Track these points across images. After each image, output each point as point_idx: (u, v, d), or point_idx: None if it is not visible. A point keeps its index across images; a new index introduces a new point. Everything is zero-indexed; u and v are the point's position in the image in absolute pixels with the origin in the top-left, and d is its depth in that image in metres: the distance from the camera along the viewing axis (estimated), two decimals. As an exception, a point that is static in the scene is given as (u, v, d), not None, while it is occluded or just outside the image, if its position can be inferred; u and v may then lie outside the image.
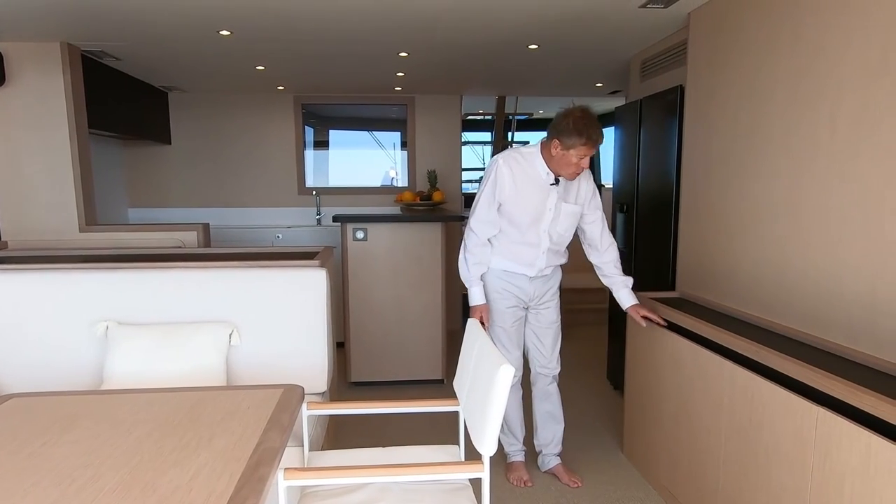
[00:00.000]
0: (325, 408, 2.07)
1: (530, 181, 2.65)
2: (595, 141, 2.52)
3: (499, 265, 2.79)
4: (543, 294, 2.87)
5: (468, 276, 2.77)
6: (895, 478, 1.47)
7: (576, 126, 2.49)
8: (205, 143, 5.78)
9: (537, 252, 2.74)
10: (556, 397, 2.99)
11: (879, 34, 1.88)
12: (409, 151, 5.99)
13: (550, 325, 2.91)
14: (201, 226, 4.06)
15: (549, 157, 2.61)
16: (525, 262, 2.76)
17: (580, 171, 2.59)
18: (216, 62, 4.35)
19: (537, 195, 2.67)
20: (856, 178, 1.97)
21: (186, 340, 2.38)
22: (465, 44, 3.85)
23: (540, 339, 2.92)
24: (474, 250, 2.74)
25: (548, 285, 2.87)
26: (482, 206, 2.69)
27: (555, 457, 2.99)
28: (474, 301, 2.78)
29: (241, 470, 1.32)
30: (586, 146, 2.51)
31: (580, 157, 2.54)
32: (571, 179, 2.66)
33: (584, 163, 2.57)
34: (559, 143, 2.54)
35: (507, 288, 2.81)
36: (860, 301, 1.97)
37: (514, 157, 2.67)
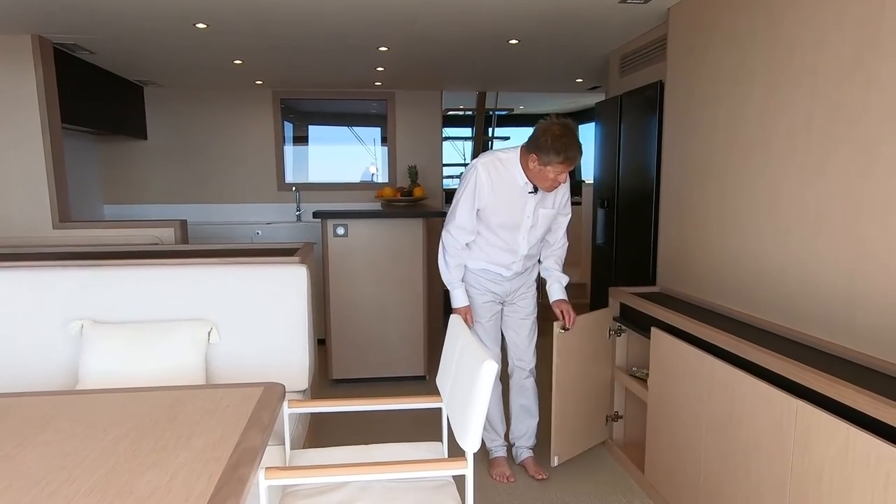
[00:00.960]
0: (306, 406, 2.04)
1: (509, 188, 2.63)
2: (573, 159, 2.50)
3: (475, 265, 2.80)
4: (519, 288, 2.87)
5: (450, 279, 2.77)
6: (873, 469, 1.49)
7: (554, 144, 2.45)
8: (182, 139, 5.70)
9: (514, 257, 2.75)
10: (531, 392, 2.99)
11: (854, 31, 1.89)
12: (389, 147, 5.96)
13: (526, 318, 2.91)
14: (178, 222, 4.00)
15: (526, 168, 2.58)
16: (502, 264, 2.77)
17: (557, 185, 2.58)
18: (193, 56, 4.29)
19: (515, 202, 2.65)
20: (832, 173, 1.99)
21: (164, 339, 2.35)
22: (444, 38, 3.83)
23: (516, 332, 2.92)
24: (456, 254, 2.74)
25: (523, 280, 2.87)
26: (461, 212, 2.68)
27: (527, 449, 3.01)
28: (457, 303, 2.77)
29: (220, 470, 1.30)
30: (563, 164, 2.50)
31: (557, 173, 2.52)
32: (548, 192, 2.65)
33: (561, 178, 2.56)
34: (537, 157, 2.51)
35: (483, 284, 2.81)
36: (838, 295, 1.99)
37: (494, 162, 2.64)
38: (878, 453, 1.48)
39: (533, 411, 3.00)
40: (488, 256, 2.76)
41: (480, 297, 2.83)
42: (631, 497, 2.77)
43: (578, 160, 2.52)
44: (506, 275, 2.79)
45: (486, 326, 2.85)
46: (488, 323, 2.86)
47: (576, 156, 2.49)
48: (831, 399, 1.64)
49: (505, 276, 2.79)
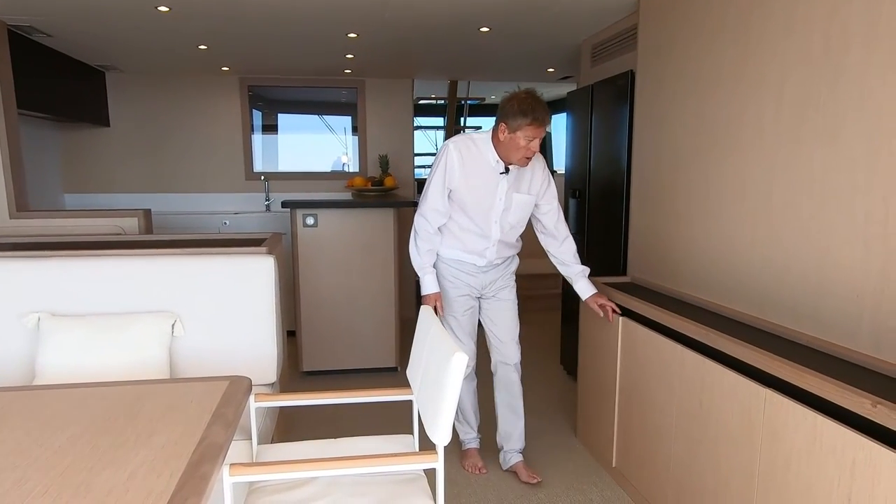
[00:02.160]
0: (273, 399, 2.00)
1: (479, 168, 2.58)
2: (541, 120, 2.43)
3: (448, 254, 2.73)
4: (495, 282, 2.80)
5: (420, 264, 2.70)
6: (839, 456, 1.51)
7: (521, 107, 2.42)
8: (146, 126, 5.55)
9: (487, 243, 2.68)
10: (516, 387, 2.87)
11: (821, 23, 1.90)
12: (359, 136, 5.89)
13: (506, 310, 2.83)
14: (142, 212, 3.90)
15: (497, 143, 2.54)
16: (474, 251, 2.70)
17: (530, 154, 2.50)
18: (155, 40, 4.17)
19: (487, 182, 2.59)
20: (799, 163, 2.00)
21: (125, 332, 2.28)
22: (414, 25, 3.78)
23: (497, 325, 2.84)
24: (425, 237, 2.68)
25: (500, 273, 2.80)
26: (433, 192, 2.62)
27: (516, 453, 2.88)
28: (427, 289, 2.70)
29: (182, 467, 1.26)
30: (532, 126, 2.43)
31: (528, 138, 2.45)
32: (523, 165, 2.56)
33: (533, 145, 2.48)
34: (505, 126, 2.47)
35: (457, 276, 2.75)
36: (804, 284, 2.01)
37: (466, 142, 2.60)
38: (844, 440, 1.49)
39: (518, 411, 2.88)
40: (461, 243, 2.69)
41: (455, 290, 2.76)
42: (601, 485, 2.78)
43: (547, 123, 2.45)
44: (480, 264, 2.71)
45: (460, 321, 2.79)
46: (463, 317, 2.78)
47: (543, 116, 2.43)
48: (799, 388, 1.66)
49: (479, 265, 2.72)
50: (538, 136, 2.47)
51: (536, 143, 2.49)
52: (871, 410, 1.42)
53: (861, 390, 1.49)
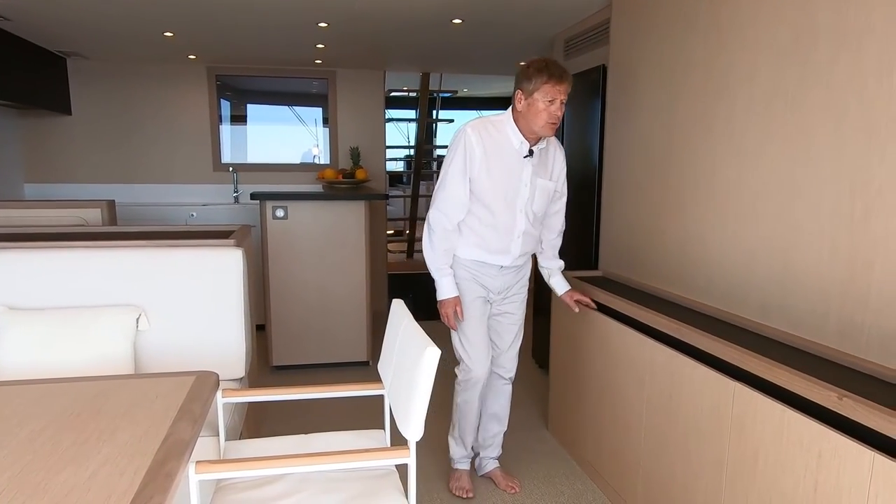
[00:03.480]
0: (241, 395, 1.96)
1: (503, 153, 2.35)
2: (559, 76, 2.23)
3: (468, 254, 2.46)
4: (511, 286, 2.57)
5: (437, 265, 2.43)
6: (805, 448, 1.53)
7: (535, 66, 2.25)
8: (110, 115, 5.41)
9: (511, 237, 2.43)
10: (505, 398, 2.71)
11: (791, 17, 1.92)
12: (330, 128, 5.82)
13: (513, 321, 2.62)
14: (106, 203, 3.80)
15: (518, 117, 2.33)
16: (497, 249, 2.44)
17: (554, 119, 2.26)
18: (119, 26, 4.05)
19: (511, 169, 2.36)
20: (769, 158, 2.02)
21: (88, 326, 2.21)
22: (386, 15, 3.73)
23: (499, 335, 2.62)
24: (445, 236, 2.41)
25: (517, 278, 2.58)
26: (452, 182, 2.36)
27: (493, 460, 2.77)
28: (445, 294, 2.44)
29: (146, 465, 1.22)
30: (549, 83, 2.23)
31: (548, 99, 2.24)
32: (549, 133, 2.32)
33: (554, 108, 2.26)
34: (521, 92, 2.28)
35: (475, 278, 2.49)
36: (773, 279, 2.03)
37: (484, 125, 2.36)
38: (810, 433, 1.51)
39: (503, 419, 2.74)
40: (483, 241, 2.43)
41: (470, 293, 2.50)
42: (573, 478, 2.80)
43: (566, 81, 2.26)
44: (504, 263, 2.47)
45: (475, 325, 2.51)
46: (478, 321, 2.52)
47: (561, 72, 2.24)
48: (767, 381, 1.68)
49: (503, 265, 2.48)
50: (558, 97, 2.25)
51: (559, 106, 2.27)
52: (838, 403, 1.45)
53: (827, 383, 1.51)
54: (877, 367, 1.63)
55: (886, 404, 1.38)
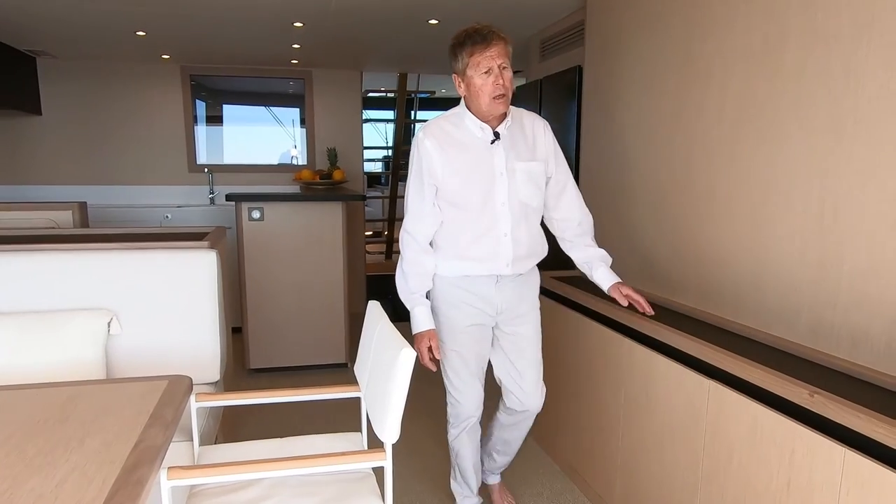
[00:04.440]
0: (215, 399, 1.94)
1: (464, 147, 2.07)
2: (484, 40, 1.95)
3: (452, 270, 2.13)
4: (518, 303, 2.19)
5: (409, 295, 2.14)
6: (778, 445, 1.55)
7: (457, 40, 2.01)
8: (81, 115, 5.32)
9: (496, 237, 2.08)
10: (524, 428, 2.36)
11: (761, 21, 1.94)
12: (307, 128, 5.79)
13: (527, 343, 2.22)
14: (77, 204, 3.73)
15: (469, 103, 2.07)
16: (483, 256, 2.10)
17: (498, 90, 1.97)
18: (89, 25, 3.98)
19: (478, 160, 2.07)
20: (741, 159, 2.05)
21: (58, 330, 2.17)
22: (362, 15, 3.72)
23: (515, 366, 2.23)
24: (415, 259, 2.12)
25: (520, 290, 2.19)
26: (413, 198, 2.12)
27: (494, 475, 2.56)
28: (418, 327, 2.11)
29: (116, 472, 1.20)
30: (476, 52, 1.95)
31: (482, 71, 1.96)
32: (501, 109, 2.01)
33: (493, 78, 1.96)
34: (456, 76, 2.05)
35: (465, 300, 2.14)
36: (747, 277, 2.06)
37: (439, 123, 2.11)
38: (783, 430, 1.53)
39: (517, 448, 2.45)
40: (464, 250, 2.10)
41: (464, 319, 2.15)
42: (552, 479, 2.81)
43: (495, 42, 1.96)
44: (498, 273, 2.12)
45: (466, 358, 2.17)
46: (470, 353, 2.17)
47: (485, 36, 1.95)
48: (741, 379, 1.70)
49: (497, 274, 2.12)
50: (492, 63, 1.96)
51: (498, 73, 1.97)
52: (809, 400, 1.46)
53: (799, 380, 1.53)
54: (847, 364, 1.66)
55: (857, 401, 1.40)
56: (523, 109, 2.20)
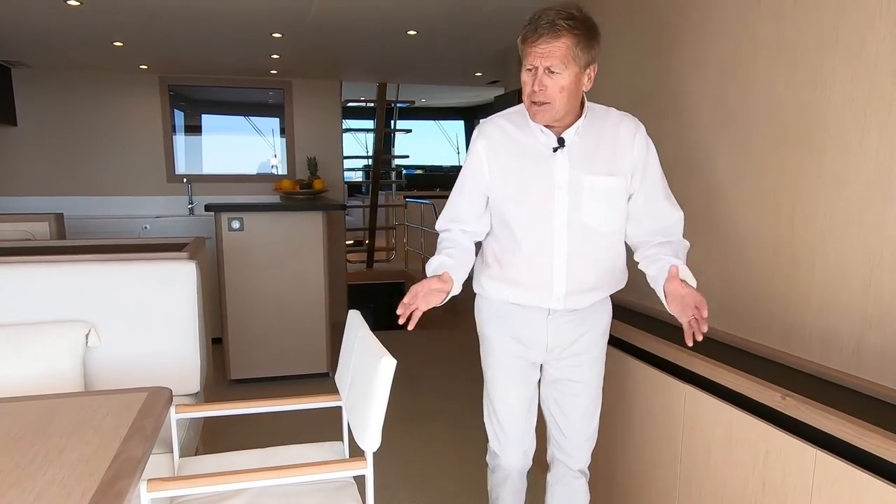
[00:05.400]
0: (195, 410, 1.93)
1: (522, 152, 1.74)
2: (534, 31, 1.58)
3: (498, 293, 1.81)
4: (573, 342, 1.80)
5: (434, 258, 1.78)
6: (752, 447, 1.58)
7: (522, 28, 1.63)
8: (58, 125, 5.27)
9: (549, 264, 1.72)
10: (580, 499, 1.97)
11: (733, 33, 1.99)
12: (287, 138, 5.78)
13: (578, 391, 1.84)
14: (54, 216, 3.70)
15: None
16: (532, 283, 1.75)
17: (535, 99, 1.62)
18: (66, 36, 3.96)
19: (537, 169, 1.72)
20: (716, 166, 2.09)
21: (34, 343, 2.14)
22: (340, 26, 3.74)
23: (561, 410, 1.87)
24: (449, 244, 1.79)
25: (580, 326, 1.80)
26: (450, 199, 1.84)
27: None
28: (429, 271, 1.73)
29: (95, 485, 1.19)
30: (527, 38, 1.60)
31: (526, 65, 1.63)
32: (538, 120, 1.67)
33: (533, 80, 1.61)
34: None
35: (509, 331, 1.82)
36: (722, 283, 2.09)
37: (498, 122, 1.79)
38: (757, 432, 1.57)
39: None
40: (509, 273, 1.77)
41: (505, 351, 1.83)
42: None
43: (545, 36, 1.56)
44: (548, 305, 1.76)
45: (507, 399, 1.85)
46: (511, 393, 1.84)
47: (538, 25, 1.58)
48: (716, 383, 1.73)
49: (548, 307, 1.76)
50: (538, 61, 1.59)
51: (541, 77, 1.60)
52: (781, 402, 1.50)
53: (772, 384, 1.57)
54: (818, 367, 1.70)
55: (827, 403, 1.43)
56: (612, 109, 1.81)
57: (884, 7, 1.48)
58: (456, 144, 10.82)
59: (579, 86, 1.64)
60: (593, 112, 1.76)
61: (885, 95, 1.48)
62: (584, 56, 1.61)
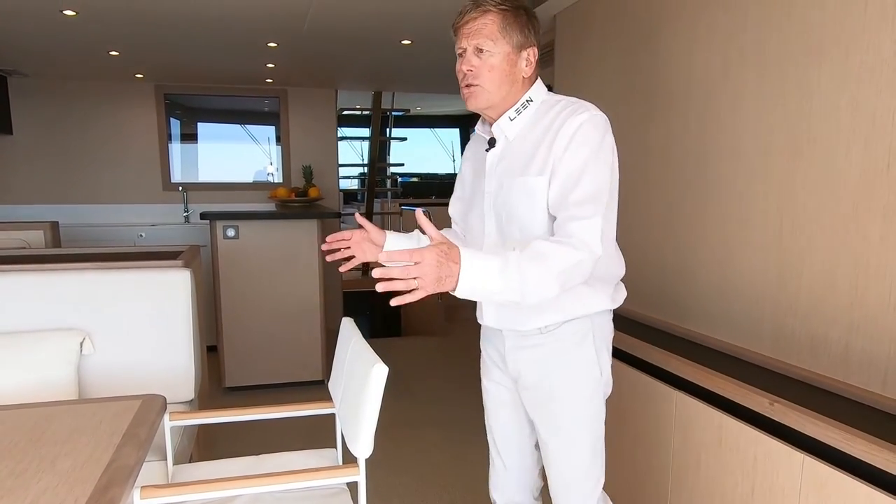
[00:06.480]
0: (189, 417, 1.94)
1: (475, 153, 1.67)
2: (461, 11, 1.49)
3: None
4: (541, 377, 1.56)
5: None
6: (742, 453, 1.60)
7: None
8: (54, 134, 5.28)
9: None
10: None
11: (720, 43, 2.02)
12: (283, 146, 5.80)
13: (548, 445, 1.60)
14: (49, 224, 3.71)
15: None
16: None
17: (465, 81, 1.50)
18: (62, 45, 3.98)
19: (478, 173, 1.62)
20: (706, 174, 2.11)
21: (28, 351, 2.15)
22: (335, 36, 3.76)
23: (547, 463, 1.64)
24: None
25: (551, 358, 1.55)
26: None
27: None
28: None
29: (88, 493, 1.20)
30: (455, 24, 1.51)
31: (458, 52, 1.52)
32: (469, 106, 1.53)
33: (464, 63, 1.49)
34: None
35: (483, 346, 1.73)
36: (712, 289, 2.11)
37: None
38: (746, 438, 1.58)
39: None
40: None
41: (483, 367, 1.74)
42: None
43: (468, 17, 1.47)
44: (483, 320, 1.62)
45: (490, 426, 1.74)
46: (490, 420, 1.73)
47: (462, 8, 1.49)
48: (706, 389, 1.75)
49: (486, 323, 1.62)
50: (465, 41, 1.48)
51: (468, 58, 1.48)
52: (769, 409, 1.52)
53: (761, 389, 1.59)
54: (806, 372, 1.72)
55: (814, 408, 1.45)
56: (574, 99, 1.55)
57: (868, 20, 1.51)
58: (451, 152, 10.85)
59: (513, 68, 1.49)
60: (540, 101, 1.55)
61: (868, 106, 1.51)
62: (517, 36, 1.47)
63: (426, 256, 1.20)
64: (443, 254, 1.23)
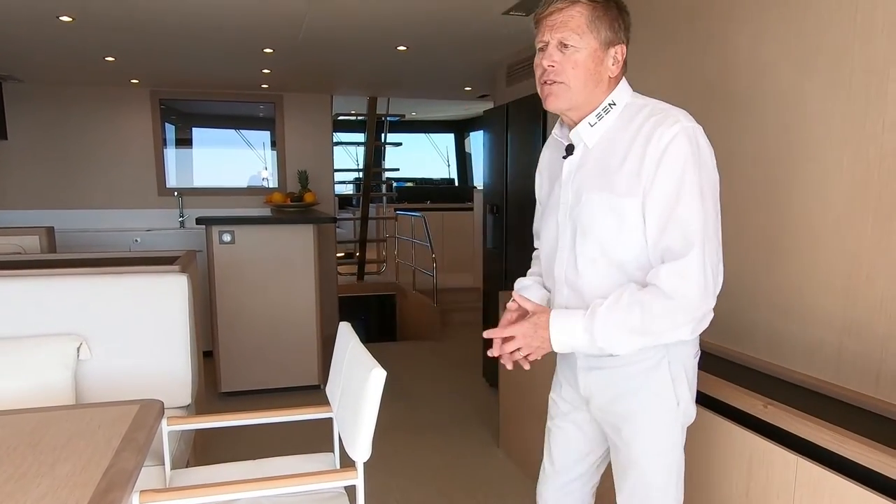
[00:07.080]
0: (187, 422, 1.95)
1: (554, 158, 1.54)
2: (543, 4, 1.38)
3: None
4: (615, 399, 1.45)
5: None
6: (737, 455, 1.61)
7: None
8: (49, 139, 5.27)
9: (558, 296, 1.50)
10: None
11: (714, 50, 2.04)
12: (278, 151, 5.81)
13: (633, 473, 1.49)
14: (45, 229, 3.70)
15: None
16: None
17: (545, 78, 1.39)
18: (58, 51, 3.98)
19: (554, 181, 1.52)
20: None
21: (25, 357, 2.15)
22: (331, 43, 3.78)
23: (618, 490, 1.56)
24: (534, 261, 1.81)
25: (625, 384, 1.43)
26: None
27: None
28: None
29: (88, 497, 1.20)
30: (537, 14, 1.40)
31: (537, 45, 1.41)
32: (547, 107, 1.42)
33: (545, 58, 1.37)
34: None
35: (559, 363, 1.64)
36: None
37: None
38: (742, 440, 1.60)
39: None
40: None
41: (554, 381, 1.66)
42: (523, 495, 2.84)
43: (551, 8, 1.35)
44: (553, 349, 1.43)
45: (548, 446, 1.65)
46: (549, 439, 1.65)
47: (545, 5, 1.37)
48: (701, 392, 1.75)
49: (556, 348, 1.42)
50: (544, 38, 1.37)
51: (550, 54, 1.36)
52: (763, 411, 1.53)
53: (755, 392, 1.60)
54: (801, 375, 1.73)
55: (807, 411, 1.47)
56: (662, 105, 1.41)
57: (858, 30, 1.54)
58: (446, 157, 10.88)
59: (599, 66, 1.36)
60: (623, 106, 1.41)
61: (858, 113, 1.53)
62: (605, 31, 1.35)
63: (517, 332, 1.39)
64: (531, 326, 1.38)
